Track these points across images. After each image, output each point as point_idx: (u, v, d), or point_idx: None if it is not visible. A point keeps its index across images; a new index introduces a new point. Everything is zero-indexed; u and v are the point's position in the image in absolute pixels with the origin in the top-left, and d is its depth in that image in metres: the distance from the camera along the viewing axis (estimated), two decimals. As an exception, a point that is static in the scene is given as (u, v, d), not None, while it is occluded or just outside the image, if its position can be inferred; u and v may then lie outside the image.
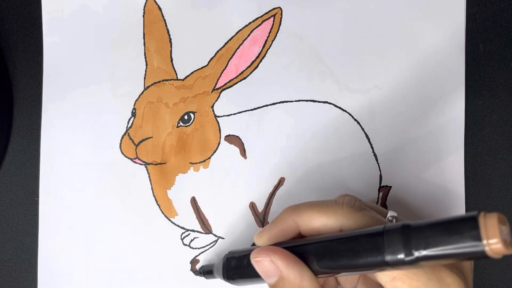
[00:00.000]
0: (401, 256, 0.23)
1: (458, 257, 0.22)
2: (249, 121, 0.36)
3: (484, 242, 0.20)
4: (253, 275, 0.28)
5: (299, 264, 0.26)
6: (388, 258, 0.23)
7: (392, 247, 0.23)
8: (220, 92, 0.36)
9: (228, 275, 0.31)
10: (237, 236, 0.36)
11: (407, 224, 0.23)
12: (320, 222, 0.27)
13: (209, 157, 0.36)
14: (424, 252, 0.22)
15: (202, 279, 0.36)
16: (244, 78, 0.36)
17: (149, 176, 0.36)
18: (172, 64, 0.36)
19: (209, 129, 0.36)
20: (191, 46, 0.36)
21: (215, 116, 0.36)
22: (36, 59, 0.37)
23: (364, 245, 0.24)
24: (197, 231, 0.36)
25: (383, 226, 0.24)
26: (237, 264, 0.30)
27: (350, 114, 0.36)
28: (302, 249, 0.27)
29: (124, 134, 0.36)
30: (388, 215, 0.28)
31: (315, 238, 0.27)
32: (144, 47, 0.36)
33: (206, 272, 0.34)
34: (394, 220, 0.28)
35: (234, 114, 0.36)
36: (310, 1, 0.36)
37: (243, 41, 0.36)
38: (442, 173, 0.35)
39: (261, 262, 0.27)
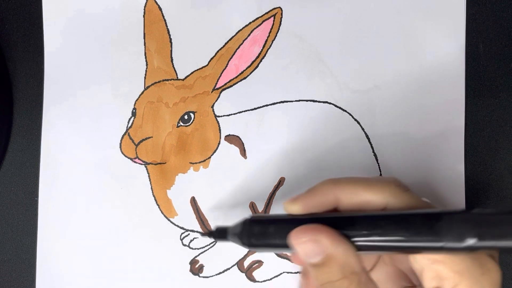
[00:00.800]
0: (461, 243, 0.22)
1: None
2: (249, 121, 0.36)
3: None
4: (280, 245, 0.27)
5: (344, 242, 0.25)
6: (447, 243, 0.22)
7: (453, 233, 0.22)
8: (220, 92, 0.36)
9: (250, 242, 0.28)
10: (237, 236, 0.36)
11: (469, 210, 0.22)
12: (364, 197, 0.26)
13: (209, 157, 0.36)
14: (487, 243, 0.21)
15: (201, 279, 0.36)
16: (244, 78, 0.36)
17: (149, 176, 0.36)
18: (172, 64, 0.36)
19: (209, 129, 0.36)
20: (191, 46, 0.36)
21: (215, 116, 0.36)
22: (37, 59, 0.37)
23: (420, 227, 0.23)
24: (197, 231, 0.36)
25: (442, 210, 0.23)
26: (262, 231, 0.28)
27: (350, 114, 0.36)
28: (347, 222, 0.25)
29: (124, 134, 0.36)
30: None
31: (362, 213, 0.26)
32: (145, 47, 0.36)
33: (219, 234, 0.31)
34: None
35: (234, 114, 0.36)
36: (310, 1, 0.36)
37: (243, 41, 0.36)
38: (442, 173, 0.35)
39: (305, 244, 0.25)
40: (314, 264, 0.25)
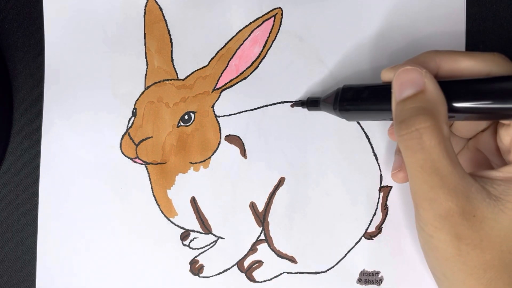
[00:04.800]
0: None
1: None
2: (249, 121, 0.36)
3: None
4: (370, 108, 0.29)
5: (442, 93, 0.25)
6: None
7: None
8: (221, 92, 0.36)
9: (342, 106, 0.30)
10: (237, 236, 0.36)
11: None
12: (465, 64, 0.27)
13: (209, 157, 0.36)
14: None
15: (201, 279, 0.36)
16: (245, 78, 0.36)
17: (149, 176, 0.36)
18: (173, 64, 0.36)
19: (209, 129, 0.36)
20: (192, 46, 0.36)
21: (216, 116, 0.36)
22: (37, 59, 0.37)
23: None
24: (197, 231, 0.36)
25: None
26: (354, 96, 0.30)
27: (350, 114, 0.36)
28: (444, 85, 0.26)
29: (125, 133, 0.36)
30: None
31: (461, 78, 0.26)
32: (145, 47, 0.36)
33: (311, 102, 0.34)
34: None
35: (234, 114, 0.36)
36: (310, 1, 0.36)
37: (244, 41, 0.36)
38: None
39: (410, 71, 0.26)
40: (403, 97, 0.26)
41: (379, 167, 0.36)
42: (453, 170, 0.25)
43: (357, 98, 0.30)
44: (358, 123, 0.36)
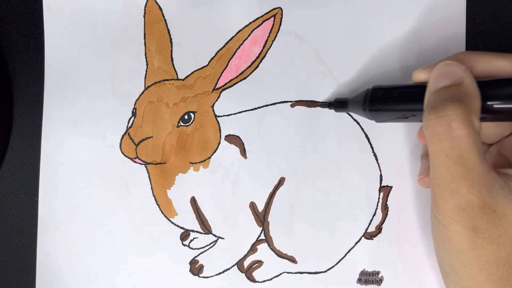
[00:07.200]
0: None
1: None
2: (249, 121, 0.36)
3: None
4: (401, 108, 0.29)
5: (478, 89, 0.26)
6: None
7: None
8: (221, 92, 0.36)
9: (372, 106, 0.30)
10: (237, 236, 0.36)
11: None
12: (499, 65, 0.27)
13: (209, 157, 0.36)
14: None
15: (201, 279, 0.36)
16: (244, 78, 0.36)
17: (149, 176, 0.36)
18: (173, 64, 0.36)
19: (209, 129, 0.36)
20: (192, 46, 0.36)
21: (215, 116, 0.36)
22: (37, 59, 0.37)
23: None
24: (197, 231, 0.36)
25: None
26: (384, 96, 0.30)
27: (349, 114, 0.36)
28: (479, 85, 0.26)
29: (125, 133, 0.36)
30: None
31: (495, 78, 0.27)
32: (145, 47, 0.36)
33: (338, 103, 0.34)
34: None
35: (234, 114, 0.36)
36: (310, 1, 0.36)
37: (244, 41, 0.36)
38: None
39: (449, 65, 0.26)
40: (439, 87, 0.26)
41: (379, 167, 0.36)
42: (479, 163, 0.24)
43: (388, 98, 0.30)
44: (358, 123, 0.36)
